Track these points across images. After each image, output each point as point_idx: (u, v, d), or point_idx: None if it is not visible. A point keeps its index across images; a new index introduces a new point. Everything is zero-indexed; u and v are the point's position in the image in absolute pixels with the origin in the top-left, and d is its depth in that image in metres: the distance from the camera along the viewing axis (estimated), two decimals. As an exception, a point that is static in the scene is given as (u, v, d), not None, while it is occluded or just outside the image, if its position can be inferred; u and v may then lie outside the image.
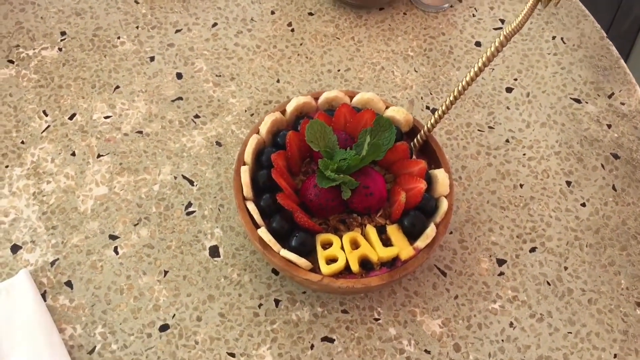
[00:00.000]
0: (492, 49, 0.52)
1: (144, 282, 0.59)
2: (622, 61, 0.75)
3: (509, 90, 0.72)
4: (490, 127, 0.70)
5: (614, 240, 0.64)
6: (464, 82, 0.55)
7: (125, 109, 0.68)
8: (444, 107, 0.57)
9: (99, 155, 0.65)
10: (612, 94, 0.73)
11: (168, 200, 0.63)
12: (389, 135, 0.57)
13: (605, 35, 0.77)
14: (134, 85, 0.70)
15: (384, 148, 0.56)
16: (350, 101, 0.61)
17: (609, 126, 0.70)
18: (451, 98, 0.56)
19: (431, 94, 0.72)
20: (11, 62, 0.70)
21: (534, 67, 0.74)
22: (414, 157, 0.60)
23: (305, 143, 0.56)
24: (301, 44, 0.74)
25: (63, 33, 0.72)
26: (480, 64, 0.53)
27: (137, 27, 0.73)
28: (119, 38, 0.72)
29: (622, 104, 0.72)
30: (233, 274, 0.60)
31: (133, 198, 0.63)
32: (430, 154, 0.60)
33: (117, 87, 0.69)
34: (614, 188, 0.67)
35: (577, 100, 0.72)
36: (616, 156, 0.69)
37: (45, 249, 0.60)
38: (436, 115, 0.58)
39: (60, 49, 0.71)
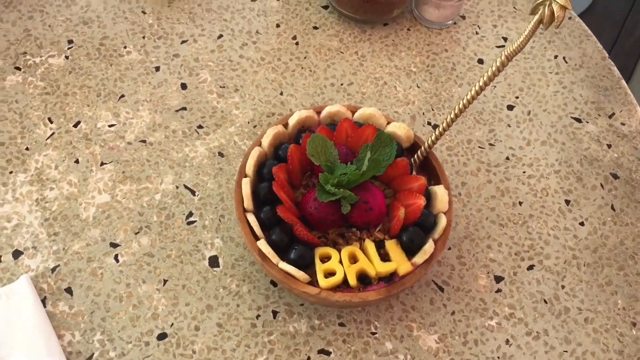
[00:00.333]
0: (494, 67, 0.53)
1: (143, 290, 0.59)
2: (624, 82, 0.75)
3: (510, 108, 0.73)
4: (490, 144, 0.70)
5: (611, 260, 0.64)
6: (465, 100, 0.55)
7: (130, 118, 0.69)
8: (445, 124, 0.57)
9: (102, 163, 0.66)
10: (613, 114, 0.73)
11: (169, 209, 0.64)
12: (390, 151, 0.57)
13: (607, 55, 0.77)
14: (139, 94, 0.70)
15: (385, 164, 0.56)
16: (352, 116, 0.62)
17: (609, 146, 0.71)
18: (452, 115, 0.57)
19: (433, 110, 0.72)
20: (18, 68, 0.71)
21: (536, 86, 0.74)
22: (414, 173, 0.60)
23: (306, 157, 0.57)
24: (305, 57, 0.75)
25: (70, 41, 0.73)
26: (482, 82, 0.54)
27: (144, 37, 0.74)
28: (125, 47, 0.73)
29: (623, 124, 0.72)
30: (232, 285, 0.60)
31: (135, 206, 0.64)
32: (431, 169, 0.60)
33: (122, 96, 0.70)
34: (612, 208, 0.67)
35: (578, 120, 0.73)
36: (615, 176, 0.69)
37: (46, 255, 0.60)
38: (437, 132, 0.58)
39: (67, 57, 0.72)
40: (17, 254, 0.60)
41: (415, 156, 0.60)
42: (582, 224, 0.66)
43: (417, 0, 0.78)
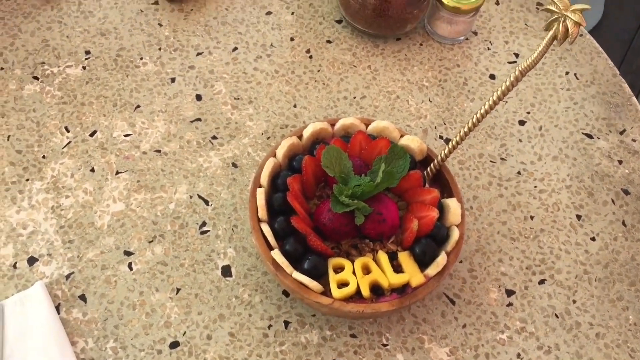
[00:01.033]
0: (508, 83, 0.54)
1: (156, 298, 0.60)
2: (634, 98, 0.76)
3: (521, 123, 0.73)
4: (502, 159, 0.71)
5: (622, 276, 0.64)
6: (478, 114, 0.56)
7: (145, 128, 0.70)
8: (457, 138, 0.58)
9: (117, 172, 0.66)
10: (624, 130, 0.74)
11: (183, 218, 0.64)
12: (403, 163, 0.58)
13: (617, 72, 0.78)
14: (155, 105, 0.71)
15: (398, 176, 0.57)
16: (366, 128, 0.63)
17: (620, 162, 0.71)
18: (465, 129, 0.57)
19: (445, 124, 0.73)
20: (36, 78, 0.72)
21: (547, 102, 0.75)
22: (426, 185, 0.61)
23: (320, 168, 0.57)
24: (319, 71, 0.76)
25: (87, 52, 0.74)
26: (495, 97, 0.55)
27: (160, 49, 0.75)
28: (141, 59, 0.74)
29: (634, 140, 0.73)
30: (244, 294, 0.61)
31: (149, 215, 0.64)
32: (443, 183, 0.61)
33: (138, 106, 0.71)
34: (623, 223, 0.67)
35: (589, 136, 0.73)
36: (627, 192, 0.69)
37: (61, 262, 0.61)
38: (450, 146, 0.59)
39: (84, 68, 0.73)
40: (32, 260, 0.61)
41: (428, 169, 0.61)
42: (593, 239, 0.66)
43: (429, 15, 0.79)
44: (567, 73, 0.77)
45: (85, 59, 0.74)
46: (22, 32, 0.74)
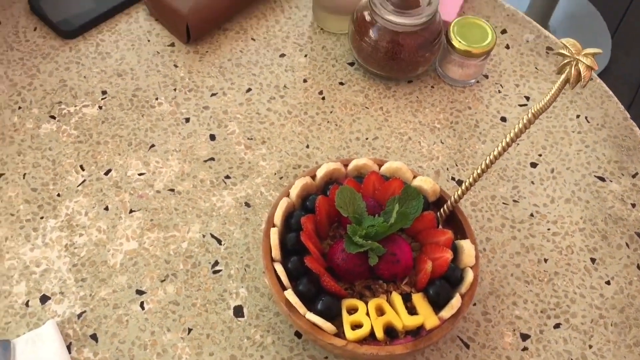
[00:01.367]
0: (520, 125, 0.54)
1: (167, 338, 0.59)
2: (646, 142, 0.76)
3: (533, 165, 0.74)
4: (514, 201, 0.70)
5: (639, 320, 0.63)
6: (491, 156, 0.56)
7: (159, 167, 0.70)
8: (471, 179, 0.58)
9: (131, 211, 0.67)
10: (636, 173, 0.74)
11: (195, 258, 0.64)
12: (417, 204, 0.58)
13: (628, 116, 0.78)
14: (169, 144, 0.72)
15: (412, 217, 0.57)
16: (379, 169, 0.63)
17: (634, 205, 0.71)
18: (478, 171, 0.57)
19: (457, 165, 0.73)
20: (53, 117, 0.73)
21: (559, 144, 0.75)
22: (440, 226, 0.61)
23: (334, 208, 0.57)
24: (331, 112, 0.76)
25: (104, 92, 0.75)
26: (508, 140, 0.55)
27: (175, 90, 0.76)
28: (157, 99, 0.75)
29: (646, 183, 0.73)
30: (256, 335, 0.60)
31: (162, 254, 0.64)
32: (456, 224, 0.61)
33: (153, 145, 0.72)
34: (638, 267, 0.67)
35: (602, 179, 0.73)
36: (641, 235, 0.69)
37: (73, 300, 0.61)
38: (463, 187, 0.59)
39: (100, 107, 0.74)
40: (44, 299, 0.61)
41: (442, 210, 0.61)
42: (608, 282, 0.66)
43: (441, 58, 0.80)
44: (577, 116, 0.78)
45: (102, 98, 0.75)
46: (41, 72, 0.76)
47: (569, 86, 0.52)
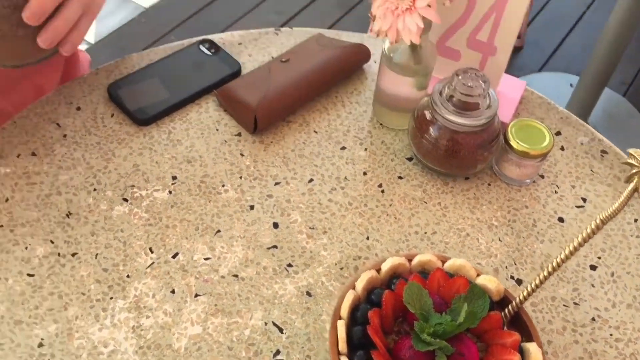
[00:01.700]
0: (589, 230, 0.55)
1: None
2: None
3: (593, 267, 0.74)
4: (575, 303, 0.70)
5: None
6: (558, 259, 0.57)
7: (224, 252, 0.72)
8: (537, 281, 0.59)
9: (196, 295, 0.68)
10: (698, 280, 0.73)
11: (257, 345, 0.65)
12: (483, 303, 0.58)
13: (686, 221, 0.79)
14: (234, 230, 0.74)
15: (479, 316, 0.57)
16: (442, 265, 0.64)
17: (697, 313, 0.70)
18: (545, 273, 0.58)
19: (515, 264, 0.74)
20: (125, 200, 0.76)
21: (617, 248, 0.76)
22: (505, 327, 0.61)
23: (399, 303, 0.58)
24: (390, 205, 0.78)
25: (174, 177, 0.79)
26: (575, 244, 0.56)
27: (241, 177, 0.79)
28: (223, 186, 0.78)
29: None
30: None
31: (224, 340, 0.65)
32: (521, 326, 0.61)
33: (218, 231, 0.74)
34: None
35: (662, 284, 0.73)
36: None
37: (137, 383, 0.62)
38: (529, 288, 0.59)
39: (170, 192, 0.77)
40: (110, 379, 0.62)
41: (506, 311, 0.61)
42: (674, 393, 0.64)
43: (498, 158, 0.82)
44: (635, 220, 0.79)
45: (172, 183, 0.78)
46: (116, 157, 0.80)
47: (638, 195, 0.54)
